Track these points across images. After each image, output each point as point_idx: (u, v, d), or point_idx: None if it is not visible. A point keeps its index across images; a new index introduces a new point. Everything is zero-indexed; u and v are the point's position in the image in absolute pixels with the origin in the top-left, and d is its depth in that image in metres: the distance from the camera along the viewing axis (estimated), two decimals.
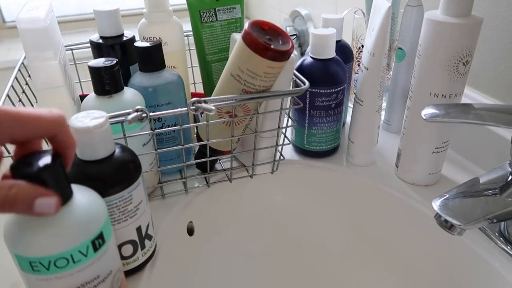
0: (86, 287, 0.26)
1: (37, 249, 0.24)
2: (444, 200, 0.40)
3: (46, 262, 0.24)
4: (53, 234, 0.24)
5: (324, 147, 0.57)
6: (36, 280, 0.25)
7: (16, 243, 0.24)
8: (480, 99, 0.55)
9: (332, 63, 0.52)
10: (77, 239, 0.25)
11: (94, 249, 0.26)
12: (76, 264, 0.25)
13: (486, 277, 0.43)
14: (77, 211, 0.26)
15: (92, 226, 0.26)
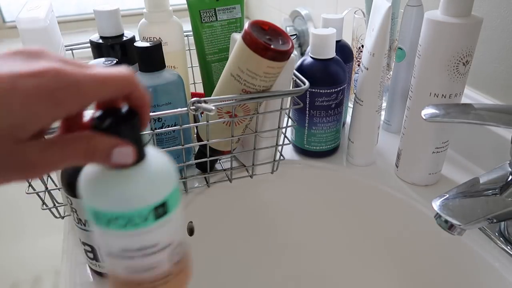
0: (143, 252, 0.26)
1: (100, 201, 0.24)
2: (444, 200, 0.40)
3: (108, 217, 0.24)
4: (117, 190, 0.24)
5: (324, 147, 0.57)
6: (101, 232, 0.26)
7: (85, 190, 0.25)
8: (480, 99, 0.55)
9: (332, 63, 0.52)
10: (139, 202, 0.24)
11: (156, 217, 0.25)
12: (135, 227, 0.25)
13: (486, 277, 0.43)
14: (145, 173, 0.25)
15: (157, 193, 0.25)
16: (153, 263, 0.27)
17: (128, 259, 0.26)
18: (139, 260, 0.26)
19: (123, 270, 0.27)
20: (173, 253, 0.28)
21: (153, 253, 0.26)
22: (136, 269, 0.27)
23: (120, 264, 0.27)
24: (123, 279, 0.28)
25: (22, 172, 0.21)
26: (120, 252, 0.26)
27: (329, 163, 0.57)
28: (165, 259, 0.27)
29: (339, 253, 0.58)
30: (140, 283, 0.27)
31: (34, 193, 0.46)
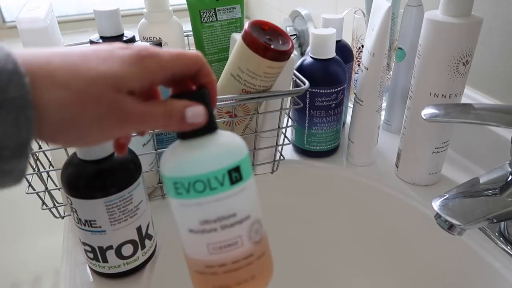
0: (222, 222, 0.27)
1: (179, 167, 0.27)
2: (444, 200, 0.40)
3: (186, 183, 0.26)
4: (193, 156, 0.27)
5: (324, 147, 0.57)
6: (179, 206, 0.27)
7: (165, 165, 0.27)
8: (480, 99, 0.55)
9: (332, 63, 0.52)
10: (215, 163, 0.26)
11: (231, 181, 0.27)
12: (212, 192, 0.26)
13: (486, 277, 0.43)
14: (218, 141, 0.28)
15: (230, 157, 0.27)
16: (233, 237, 0.27)
17: (208, 234, 0.27)
18: (219, 233, 0.27)
19: (204, 250, 0.27)
20: (252, 230, 0.28)
21: (232, 225, 0.27)
22: (217, 245, 0.27)
23: (201, 242, 0.27)
24: (206, 263, 0.28)
25: (119, 119, 0.24)
26: (200, 225, 0.27)
27: (329, 163, 0.57)
28: (245, 235, 0.28)
29: (339, 253, 0.58)
30: (222, 264, 0.28)
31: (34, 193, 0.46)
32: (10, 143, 0.20)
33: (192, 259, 0.29)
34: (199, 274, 0.29)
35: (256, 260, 0.29)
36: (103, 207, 0.35)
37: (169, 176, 0.27)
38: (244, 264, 0.28)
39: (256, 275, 0.29)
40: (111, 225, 0.36)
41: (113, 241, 0.37)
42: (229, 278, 0.28)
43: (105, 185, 0.35)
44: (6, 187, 0.22)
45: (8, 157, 0.21)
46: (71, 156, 0.37)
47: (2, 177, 0.21)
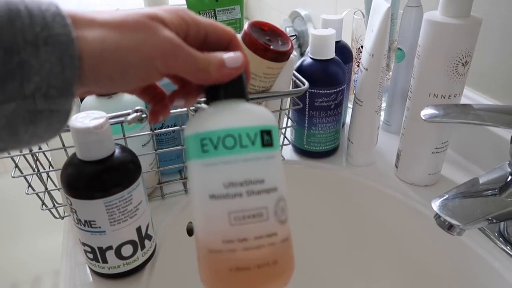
0: (249, 187, 0.25)
1: (209, 122, 0.25)
2: (444, 200, 0.40)
3: (216, 137, 0.25)
4: (225, 112, 0.26)
5: (324, 148, 0.57)
6: (203, 167, 0.25)
7: (192, 125, 0.26)
8: (479, 100, 0.55)
9: (331, 64, 0.52)
10: (247, 120, 0.26)
11: (262, 143, 0.25)
12: (242, 150, 0.25)
13: (485, 277, 0.43)
14: (250, 106, 0.27)
15: (263, 119, 0.26)
16: (259, 207, 0.25)
17: (232, 199, 0.24)
18: (244, 200, 0.25)
19: (225, 220, 0.25)
20: (279, 206, 0.26)
21: (259, 193, 0.25)
22: (240, 214, 0.25)
23: (222, 209, 0.25)
24: (224, 236, 0.25)
25: (158, 48, 0.23)
26: (224, 188, 0.25)
27: (328, 163, 0.57)
28: (271, 208, 0.25)
29: (338, 253, 0.58)
30: (244, 238, 0.25)
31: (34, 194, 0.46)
32: (57, 82, 0.20)
33: (207, 235, 0.25)
34: (213, 254, 0.25)
35: (280, 242, 0.26)
36: (103, 208, 0.35)
37: (196, 133, 0.25)
38: (267, 242, 0.25)
39: (279, 261, 0.26)
40: (110, 225, 0.36)
41: (112, 241, 0.37)
42: (249, 258, 0.25)
43: (105, 185, 0.35)
44: (51, 131, 0.22)
45: (55, 96, 0.21)
46: (71, 156, 0.37)
47: (48, 117, 0.21)
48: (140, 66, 0.23)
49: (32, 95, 0.20)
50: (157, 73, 0.24)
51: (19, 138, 0.21)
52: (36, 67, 0.20)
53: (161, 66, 0.24)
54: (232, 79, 0.26)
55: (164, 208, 0.50)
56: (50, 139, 0.23)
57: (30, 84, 0.20)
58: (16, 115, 0.20)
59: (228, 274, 0.25)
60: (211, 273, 0.25)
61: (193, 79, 0.26)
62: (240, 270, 0.25)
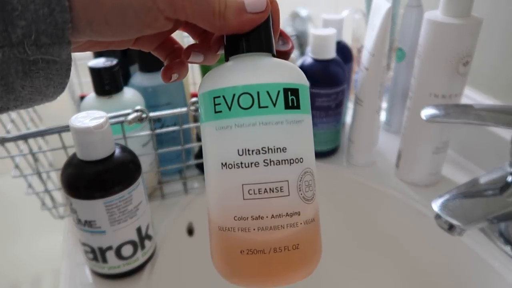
0: (268, 156, 0.21)
1: (223, 79, 0.22)
2: (444, 200, 0.40)
3: (230, 95, 0.21)
4: (246, 67, 0.22)
5: (324, 148, 0.57)
6: (215, 130, 0.22)
7: (206, 82, 0.23)
8: (480, 99, 0.55)
9: (332, 64, 0.52)
10: (269, 76, 0.22)
11: (286, 104, 0.21)
12: (261, 111, 0.21)
13: (486, 278, 0.43)
14: (276, 60, 0.23)
15: (289, 75, 0.22)
16: (278, 180, 0.21)
17: (247, 169, 0.21)
18: (261, 170, 0.21)
19: (238, 193, 0.21)
20: (304, 180, 0.22)
21: (280, 163, 0.21)
22: (255, 187, 0.21)
23: (235, 180, 0.21)
24: (237, 212, 0.21)
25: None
26: (238, 156, 0.21)
27: (329, 163, 0.57)
28: (294, 182, 0.21)
29: (338, 253, 0.58)
30: (259, 216, 0.21)
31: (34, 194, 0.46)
32: (47, 26, 0.18)
33: (217, 210, 0.22)
34: (223, 233, 0.22)
35: (304, 224, 0.22)
36: (103, 208, 0.35)
37: (209, 90, 0.22)
38: (287, 222, 0.21)
39: (301, 246, 0.22)
40: (111, 225, 0.36)
41: (113, 241, 0.37)
42: (265, 239, 0.21)
43: (105, 185, 0.35)
44: (52, 86, 0.20)
45: (48, 43, 0.19)
46: (71, 156, 0.37)
47: (45, 69, 0.19)
48: (141, 8, 0.20)
49: (21, 42, 0.18)
50: (162, 17, 0.21)
51: (17, 94, 0.19)
52: (19, 9, 0.18)
53: (165, 7, 0.20)
54: (255, 28, 0.22)
55: (164, 208, 0.50)
56: (55, 96, 0.21)
57: (16, 29, 0.18)
58: (7, 66, 0.18)
59: (239, 256, 0.22)
60: (221, 253, 0.23)
61: (208, 26, 0.22)
62: (253, 253, 0.21)
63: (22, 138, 0.40)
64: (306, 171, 0.22)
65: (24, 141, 0.42)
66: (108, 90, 0.44)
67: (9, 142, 0.40)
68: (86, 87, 0.60)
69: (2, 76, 0.18)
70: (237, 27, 0.22)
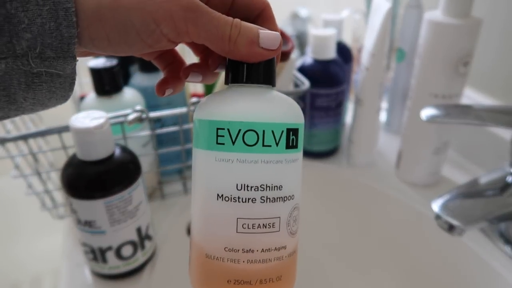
0: (265, 193, 0.21)
1: (229, 110, 0.21)
2: (444, 201, 0.40)
3: (236, 129, 0.21)
4: (253, 101, 0.22)
5: (324, 148, 0.57)
6: (214, 161, 0.22)
7: (207, 107, 0.22)
8: (480, 99, 0.55)
9: (332, 64, 0.52)
10: (278, 114, 0.22)
11: (287, 144, 0.22)
12: (263, 150, 0.21)
13: (486, 278, 0.43)
14: (278, 96, 0.23)
15: (291, 115, 0.22)
16: (272, 217, 0.22)
17: (243, 204, 0.21)
18: (257, 206, 0.21)
19: (232, 226, 0.22)
20: (292, 216, 0.23)
21: (274, 200, 0.22)
22: (250, 222, 0.22)
23: (230, 214, 0.22)
24: (228, 244, 0.22)
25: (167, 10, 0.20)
26: (236, 190, 0.21)
27: (329, 163, 0.57)
28: (284, 219, 0.22)
29: (338, 253, 0.58)
30: (250, 249, 0.22)
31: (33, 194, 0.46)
32: (52, 40, 0.18)
33: (207, 238, 0.22)
34: (211, 261, 0.22)
35: (287, 257, 0.23)
36: (103, 208, 0.35)
37: (212, 119, 0.22)
38: (274, 256, 0.22)
39: (283, 277, 0.23)
40: (111, 225, 0.36)
41: (112, 241, 0.37)
42: (253, 271, 0.22)
43: (105, 185, 0.35)
44: (55, 99, 0.20)
45: (52, 57, 0.19)
46: (71, 157, 0.37)
47: (48, 82, 0.19)
48: (143, 30, 0.20)
49: (25, 54, 0.18)
50: (165, 39, 0.20)
51: (18, 105, 0.19)
52: (26, 22, 0.18)
53: (168, 31, 0.20)
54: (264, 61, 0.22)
55: (164, 208, 0.50)
56: (56, 106, 0.21)
57: (20, 41, 0.18)
58: (9, 77, 0.18)
59: (225, 285, 0.22)
60: (205, 280, 0.23)
61: (215, 48, 0.22)
62: (240, 283, 0.22)
63: (22, 138, 0.40)
64: (295, 207, 0.24)
65: (24, 141, 0.42)
66: (108, 90, 0.44)
67: (9, 142, 0.40)
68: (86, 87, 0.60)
69: (4, 87, 0.18)
70: (246, 57, 0.22)
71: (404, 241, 0.52)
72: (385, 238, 0.54)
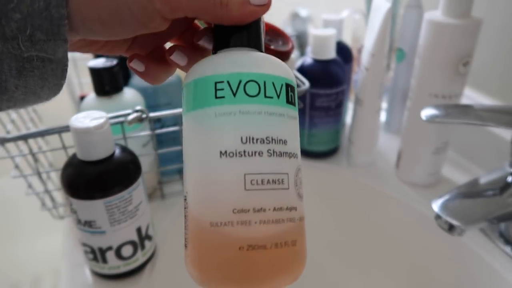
0: (272, 146, 0.20)
1: (226, 65, 0.21)
2: (444, 201, 0.40)
3: (236, 81, 0.20)
4: (247, 58, 0.21)
5: (324, 148, 0.56)
6: (213, 117, 0.20)
7: (197, 70, 0.22)
8: (480, 99, 0.55)
9: (332, 64, 0.52)
10: (275, 69, 0.21)
11: (287, 99, 0.21)
12: (266, 101, 0.20)
13: (486, 278, 0.43)
14: (270, 57, 0.23)
15: (288, 72, 0.22)
16: (281, 172, 0.20)
17: (250, 158, 0.20)
18: (264, 160, 0.20)
19: (239, 183, 0.20)
20: (298, 177, 0.22)
21: (281, 155, 0.20)
22: (259, 177, 0.20)
23: (236, 170, 0.20)
24: (237, 204, 0.19)
25: None
26: (241, 143, 0.20)
27: (329, 163, 0.57)
28: (292, 176, 0.21)
29: (338, 253, 0.58)
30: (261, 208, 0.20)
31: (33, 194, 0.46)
32: (42, 22, 0.18)
33: (210, 205, 0.20)
34: (217, 229, 0.20)
35: (299, 221, 0.22)
36: (103, 208, 0.35)
37: (207, 75, 0.21)
38: (287, 217, 0.20)
39: (297, 242, 0.21)
40: (111, 225, 0.36)
41: (113, 241, 0.37)
42: (266, 234, 0.20)
43: (105, 185, 0.35)
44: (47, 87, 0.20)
45: (43, 40, 0.18)
46: (71, 156, 0.37)
47: (40, 68, 0.19)
48: (137, 7, 0.20)
49: (15, 36, 0.18)
50: (158, 16, 0.20)
51: (10, 95, 0.19)
52: (15, 1, 0.17)
53: (161, 6, 0.20)
54: (253, 24, 0.22)
55: (164, 208, 0.50)
56: (49, 98, 0.21)
57: (10, 23, 0.17)
58: (0, 62, 0.18)
59: (237, 254, 0.19)
60: (212, 254, 0.20)
61: (208, 17, 0.21)
62: (254, 248, 0.19)
63: (22, 138, 0.40)
64: (299, 168, 0.22)
65: (24, 141, 0.42)
66: (108, 90, 0.44)
67: (9, 142, 0.40)
68: (86, 87, 0.60)
69: None
70: (239, 18, 0.21)
71: (404, 241, 0.52)
72: (385, 238, 0.54)
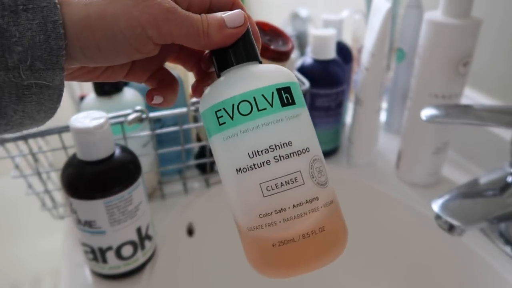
0: (276, 152, 0.23)
1: (220, 93, 0.23)
2: (444, 201, 0.40)
3: (230, 106, 0.23)
4: (236, 78, 0.24)
5: (324, 148, 0.56)
6: (223, 141, 0.23)
7: (205, 100, 0.24)
8: (480, 100, 0.55)
9: (332, 64, 0.52)
10: (263, 80, 0.23)
11: (282, 103, 0.23)
12: (260, 114, 0.23)
13: (486, 278, 0.43)
14: (263, 66, 0.25)
15: (278, 77, 0.24)
16: (291, 172, 0.23)
17: (260, 169, 0.22)
18: (273, 167, 0.22)
19: (257, 193, 0.23)
20: (314, 167, 0.24)
21: (288, 156, 0.23)
22: (272, 183, 0.22)
23: (252, 182, 0.23)
24: (260, 210, 0.23)
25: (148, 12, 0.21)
26: (249, 159, 0.23)
27: (329, 163, 0.57)
28: (306, 171, 0.23)
29: None
30: (281, 208, 0.22)
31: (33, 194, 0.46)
32: (42, 52, 0.19)
33: (242, 214, 0.24)
34: (253, 232, 0.23)
35: (324, 207, 0.23)
36: (103, 208, 0.35)
37: (209, 106, 0.24)
38: (308, 209, 0.23)
39: (326, 227, 0.23)
40: (111, 225, 0.36)
41: (113, 241, 0.37)
42: (291, 228, 0.23)
43: (105, 185, 0.35)
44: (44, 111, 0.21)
45: (42, 69, 0.20)
46: (71, 157, 0.37)
47: (37, 94, 0.20)
48: (130, 34, 0.21)
49: (16, 66, 0.19)
50: (150, 42, 0.22)
51: (8, 119, 0.20)
52: (17, 36, 0.19)
53: (153, 33, 0.22)
54: (238, 40, 0.24)
55: (164, 208, 0.50)
56: (44, 121, 0.22)
57: (12, 54, 0.19)
58: (1, 90, 0.19)
59: (272, 250, 0.23)
60: (255, 252, 0.24)
61: (194, 45, 0.24)
62: (284, 243, 0.23)
63: (22, 138, 0.40)
64: (314, 159, 0.24)
65: (24, 141, 0.42)
66: (108, 90, 0.44)
67: (9, 142, 0.40)
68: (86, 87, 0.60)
69: None
70: (221, 41, 0.24)
71: (404, 241, 0.52)
72: (385, 238, 0.54)
